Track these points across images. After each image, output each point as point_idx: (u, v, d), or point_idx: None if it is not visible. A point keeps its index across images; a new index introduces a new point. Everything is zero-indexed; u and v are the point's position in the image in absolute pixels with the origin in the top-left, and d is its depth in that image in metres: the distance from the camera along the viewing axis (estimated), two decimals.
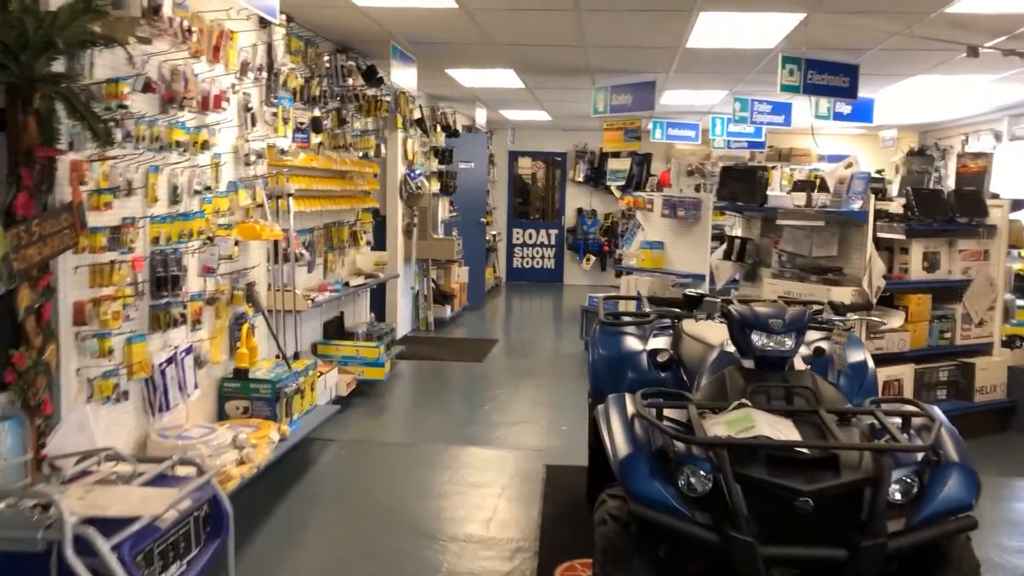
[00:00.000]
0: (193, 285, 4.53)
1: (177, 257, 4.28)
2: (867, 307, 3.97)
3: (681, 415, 2.89)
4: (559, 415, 6.66)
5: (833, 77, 6.94)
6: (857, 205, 5.69)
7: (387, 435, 6.33)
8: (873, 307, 4.26)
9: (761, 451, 2.63)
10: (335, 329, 7.40)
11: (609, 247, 15.07)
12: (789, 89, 6.73)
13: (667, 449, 2.72)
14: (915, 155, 13.04)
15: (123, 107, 3.63)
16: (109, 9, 3.42)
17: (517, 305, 13.57)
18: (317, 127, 6.43)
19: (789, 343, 3.05)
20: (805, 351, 3.47)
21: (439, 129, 11.14)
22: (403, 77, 7.09)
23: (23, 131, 3.08)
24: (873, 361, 3.94)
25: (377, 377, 7.03)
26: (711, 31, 6.39)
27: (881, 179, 9.60)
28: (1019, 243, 6.81)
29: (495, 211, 15.11)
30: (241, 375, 4.99)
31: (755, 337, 3.05)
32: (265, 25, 5.35)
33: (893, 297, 5.93)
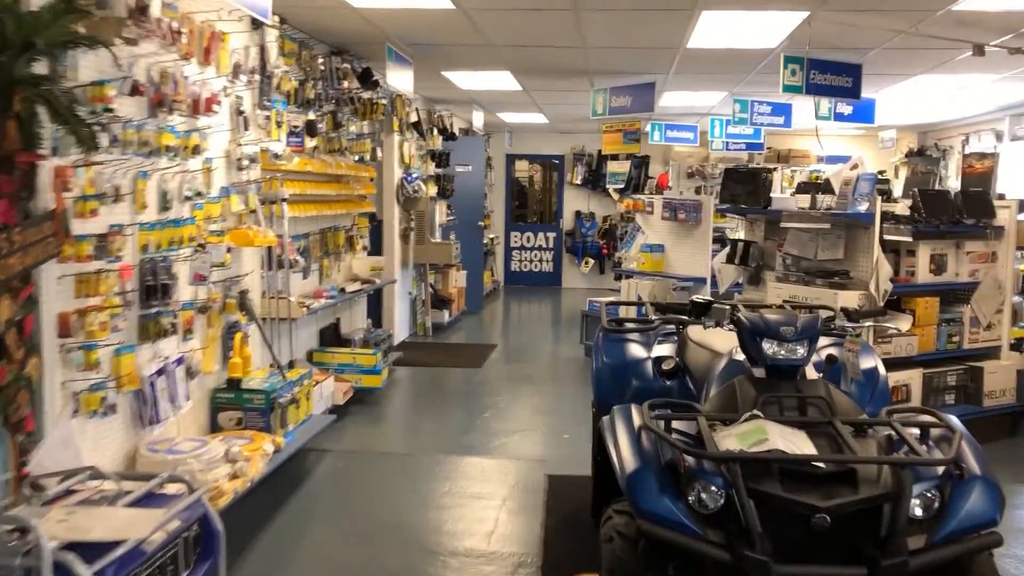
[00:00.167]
0: (184, 294, 4.41)
1: (167, 265, 4.16)
2: (881, 313, 3.86)
3: (690, 427, 2.79)
4: (560, 422, 6.54)
5: (836, 77, 6.85)
6: (863, 207, 5.59)
7: (385, 445, 6.20)
8: (886, 312, 4.16)
9: (775, 465, 2.52)
10: (331, 336, 7.29)
11: (607, 250, 15.01)
12: (791, 89, 6.63)
13: (677, 463, 2.63)
14: (916, 156, 12.96)
15: (109, 110, 3.52)
16: (93, 9, 3.31)
17: (515, 309, 13.46)
18: (312, 131, 6.32)
19: (801, 351, 2.94)
20: (816, 359, 3.36)
21: (436, 132, 11.06)
22: (399, 80, 6.99)
23: (2, 135, 2.95)
24: (884, 367, 3.83)
25: (374, 385, 6.92)
26: (713, 30, 6.29)
27: (886, 180, 9.51)
28: None
29: (493, 214, 15.02)
30: (234, 385, 4.89)
31: (766, 345, 2.94)
32: (258, 26, 5.26)
33: (900, 300, 5.83)
